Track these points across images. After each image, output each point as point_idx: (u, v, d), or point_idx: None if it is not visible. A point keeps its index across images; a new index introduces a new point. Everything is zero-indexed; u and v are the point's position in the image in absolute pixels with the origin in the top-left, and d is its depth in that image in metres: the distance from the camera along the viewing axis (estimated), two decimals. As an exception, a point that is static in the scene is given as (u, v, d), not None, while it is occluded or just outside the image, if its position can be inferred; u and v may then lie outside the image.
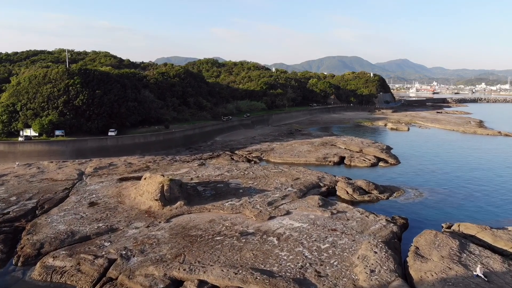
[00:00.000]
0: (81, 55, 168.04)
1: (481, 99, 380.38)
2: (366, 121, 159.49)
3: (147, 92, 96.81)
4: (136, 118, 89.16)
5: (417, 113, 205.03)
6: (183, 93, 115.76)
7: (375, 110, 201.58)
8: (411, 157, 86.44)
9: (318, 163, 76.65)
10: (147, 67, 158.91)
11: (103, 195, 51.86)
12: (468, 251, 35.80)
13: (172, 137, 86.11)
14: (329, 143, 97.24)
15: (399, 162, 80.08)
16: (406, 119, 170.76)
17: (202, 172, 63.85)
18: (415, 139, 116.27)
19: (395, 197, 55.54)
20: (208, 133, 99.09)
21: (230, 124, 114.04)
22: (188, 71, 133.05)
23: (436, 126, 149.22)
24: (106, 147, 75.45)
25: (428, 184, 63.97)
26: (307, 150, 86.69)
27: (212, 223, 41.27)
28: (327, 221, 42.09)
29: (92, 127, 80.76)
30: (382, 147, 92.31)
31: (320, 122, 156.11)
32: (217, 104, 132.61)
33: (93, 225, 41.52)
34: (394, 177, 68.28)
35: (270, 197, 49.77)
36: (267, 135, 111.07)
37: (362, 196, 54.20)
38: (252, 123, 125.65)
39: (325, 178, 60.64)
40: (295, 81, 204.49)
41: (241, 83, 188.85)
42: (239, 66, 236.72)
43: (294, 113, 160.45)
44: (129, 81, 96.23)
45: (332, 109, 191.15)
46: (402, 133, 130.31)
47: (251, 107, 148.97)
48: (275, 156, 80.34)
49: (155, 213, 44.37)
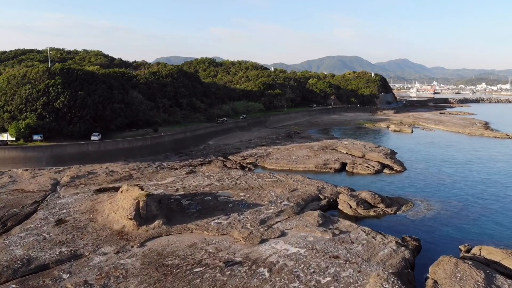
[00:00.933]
0: (71, 54, 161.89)
1: (483, 99, 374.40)
2: (367, 123, 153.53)
3: (136, 93, 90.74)
4: (122, 120, 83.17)
5: (420, 114, 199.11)
6: (176, 94, 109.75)
7: (376, 111, 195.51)
8: (417, 162, 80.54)
9: (317, 170, 70.72)
10: (140, 66, 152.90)
11: (74, 211, 45.88)
12: (496, 285, 29.93)
13: (161, 142, 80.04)
14: (329, 147, 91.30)
15: (405, 168, 74.17)
16: (409, 120, 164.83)
17: (190, 182, 57.87)
18: (420, 142, 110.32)
19: (404, 212, 49.62)
20: (200, 136, 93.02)
21: (225, 126, 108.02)
22: (181, 71, 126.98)
23: (441, 128, 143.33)
24: (87, 153, 69.44)
25: (438, 195, 58.08)
26: (306, 155, 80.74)
27: (193, 248, 35.28)
28: (328, 244, 36.14)
29: (74, 131, 74.78)
30: (386, 151, 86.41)
31: (320, 123, 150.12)
32: (212, 105, 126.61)
33: (54, 250, 35.55)
34: (401, 187, 62.38)
35: (263, 214, 43.79)
36: (264, 138, 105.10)
37: (367, 210, 48.27)
38: (248, 125, 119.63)
39: (326, 189, 54.67)
40: (294, 81, 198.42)
41: (238, 83, 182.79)
42: (237, 66, 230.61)
43: (293, 114, 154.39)
44: (116, 81, 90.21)
45: (332, 110, 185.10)
46: (406, 136, 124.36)
47: (248, 108, 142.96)
48: (271, 162, 74.37)
49: (128, 234, 38.38)
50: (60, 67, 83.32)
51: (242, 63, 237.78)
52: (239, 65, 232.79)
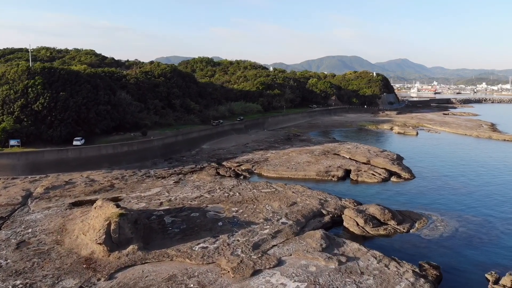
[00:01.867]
0: (61, 53, 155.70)
1: (486, 100, 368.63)
2: (370, 124, 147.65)
3: (124, 93, 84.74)
4: (108, 124, 77.23)
5: (423, 114, 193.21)
6: (168, 95, 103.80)
7: (378, 112, 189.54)
8: (426, 169, 74.73)
9: (319, 178, 64.89)
10: (132, 65, 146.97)
11: (41, 230, 39.99)
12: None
13: (149, 146, 74.05)
14: (331, 151, 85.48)
15: (413, 176, 68.34)
16: (412, 121, 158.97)
17: (177, 194, 51.98)
18: (426, 145, 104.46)
19: (417, 230, 43.78)
20: (193, 140, 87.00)
21: (221, 129, 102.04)
22: (175, 70, 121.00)
23: (446, 129, 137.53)
24: (67, 160, 63.49)
25: (453, 208, 52.30)
26: (306, 161, 74.88)
27: (171, 282, 29.40)
28: (334, 277, 30.29)
29: (54, 136, 68.86)
30: (392, 156, 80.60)
31: (320, 125, 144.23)
32: (208, 106, 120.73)
33: (8, 282, 29.76)
34: (411, 198, 56.55)
35: (257, 235, 37.90)
36: (262, 142, 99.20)
37: (377, 229, 42.42)
38: (245, 128, 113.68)
39: (329, 203, 48.81)
40: (294, 81, 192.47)
41: (236, 83, 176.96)
42: (235, 65, 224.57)
43: (292, 116, 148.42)
44: (103, 81, 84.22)
45: (333, 111, 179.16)
46: (411, 139, 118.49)
47: (246, 109, 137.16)
48: (269, 169, 68.47)
49: (97, 262, 32.50)
50: (41, 67, 77.36)
51: (241, 62, 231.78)
52: (237, 64, 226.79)
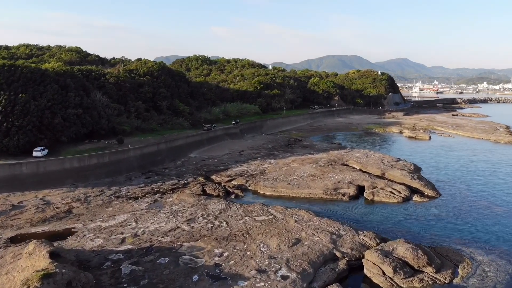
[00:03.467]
0: (42, 50, 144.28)
1: (491, 99, 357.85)
2: (377, 127, 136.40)
3: (100, 95, 73.43)
4: (78, 130, 66.01)
5: (431, 116, 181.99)
6: (154, 95, 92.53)
7: (384, 113, 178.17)
8: (450, 183, 63.71)
9: (327, 197, 53.77)
10: (118, 63, 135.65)
11: None
12: None
13: (125, 157, 62.69)
14: (338, 161, 74.38)
15: (438, 193, 57.21)
16: (422, 124, 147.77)
17: (147, 224, 40.79)
18: (443, 152, 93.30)
19: (462, 278, 32.67)
20: (179, 148, 75.61)
21: (212, 134, 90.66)
22: (164, 68, 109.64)
23: (460, 133, 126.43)
24: (21, 177, 52.23)
25: (499, 239, 41.39)
26: (310, 173, 63.70)
27: None
28: None
29: (11, 146, 57.61)
30: (409, 167, 69.53)
31: (323, 128, 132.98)
32: (200, 108, 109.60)
33: None
34: (443, 225, 45.44)
35: (246, 299, 26.76)
36: (259, 149, 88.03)
37: (410, 280, 31.26)
38: (241, 132, 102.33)
39: (343, 239, 37.58)
40: (294, 80, 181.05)
41: (232, 83, 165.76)
42: (232, 64, 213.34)
43: (292, 118, 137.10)
44: (75, 80, 72.90)
45: (336, 112, 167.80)
46: (424, 144, 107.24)
47: (242, 111, 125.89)
48: (265, 186, 57.28)
49: None
50: (1, 64, 66.14)
51: (238, 61, 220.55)
52: (235, 63, 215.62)
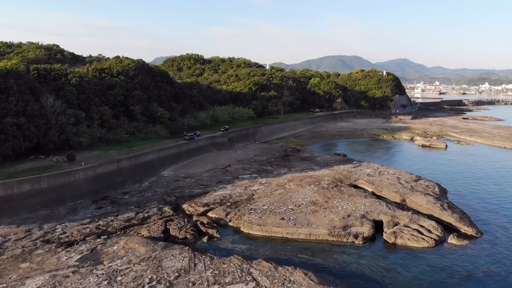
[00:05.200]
0: (12, 47, 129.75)
1: (498, 101, 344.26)
2: (384, 133, 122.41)
3: (52, 99, 59.29)
4: (18, 144, 51.98)
5: (441, 119, 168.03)
6: (126, 98, 78.44)
7: (391, 117, 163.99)
8: (489, 212, 49.99)
9: (333, 240, 39.85)
10: (94, 61, 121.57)
11: None
12: None
13: (71, 181, 48.46)
14: (345, 179, 60.49)
15: (479, 231, 43.31)
16: (433, 129, 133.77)
17: (63, 301, 26.76)
18: (466, 165, 79.28)
19: None
20: (149, 164, 61.37)
21: (194, 145, 76.34)
22: (143, 67, 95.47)
23: (479, 140, 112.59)
24: None
25: None
26: (310, 201, 49.71)
27: None
28: None
29: None
30: (433, 189, 55.79)
31: (325, 134, 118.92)
32: (185, 112, 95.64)
33: None
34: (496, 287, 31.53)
35: None
36: (249, 162, 74.00)
37: None
38: (229, 141, 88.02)
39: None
40: (293, 81, 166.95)
41: (226, 83, 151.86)
42: (227, 63, 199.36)
43: (291, 123, 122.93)
44: (22, 82, 58.73)
45: (339, 116, 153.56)
46: (441, 155, 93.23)
47: (234, 116, 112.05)
48: (251, 222, 43.18)
49: None
50: None
51: (233, 60, 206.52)
52: (230, 62, 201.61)
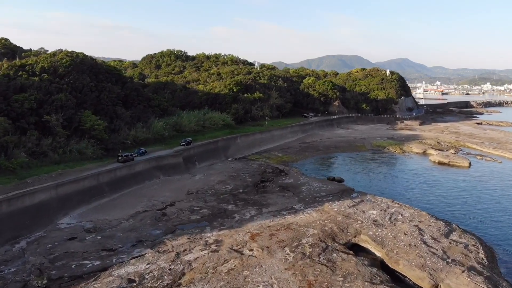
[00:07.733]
0: None
1: (507, 102, 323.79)
2: (391, 144, 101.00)
3: None
4: None
5: (453, 125, 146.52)
6: (42, 104, 56.95)
7: (396, 122, 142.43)
8: None
9: None
10: (29, 56, 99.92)
11: None
12: None
13: None
14: (339, 234, 39.30)
15: None
16: (447, 138, 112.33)
17: None
18: (505, 193, 58.05)
19: None
20: (40, 208, 39.65)
21: (128, 170, 54.11)
22: (84, 62, 73.72)
23: (506, 155, 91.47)
24: None
25: None
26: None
27: None
28: None
29: None
30: (476, 255, 35.40)
31: (318, 146, 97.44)
32: (137, 120, 74.27)
33: None
34: None
35: None
36: (205, 196, 52.50)
37: None
38: (185, 161, 65.65)
39: None
40: (284, 80, 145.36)
41: (205, 83, 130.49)
42: (212, 60, 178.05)
43: (276, 132, 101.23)
44: None
45: (336, 122, 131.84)
46: (465, 175, 71.81)
47: (206, 123, 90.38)
48: None
49: None
50: None
51: (220, 56, 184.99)
52: (216, 59, 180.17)
